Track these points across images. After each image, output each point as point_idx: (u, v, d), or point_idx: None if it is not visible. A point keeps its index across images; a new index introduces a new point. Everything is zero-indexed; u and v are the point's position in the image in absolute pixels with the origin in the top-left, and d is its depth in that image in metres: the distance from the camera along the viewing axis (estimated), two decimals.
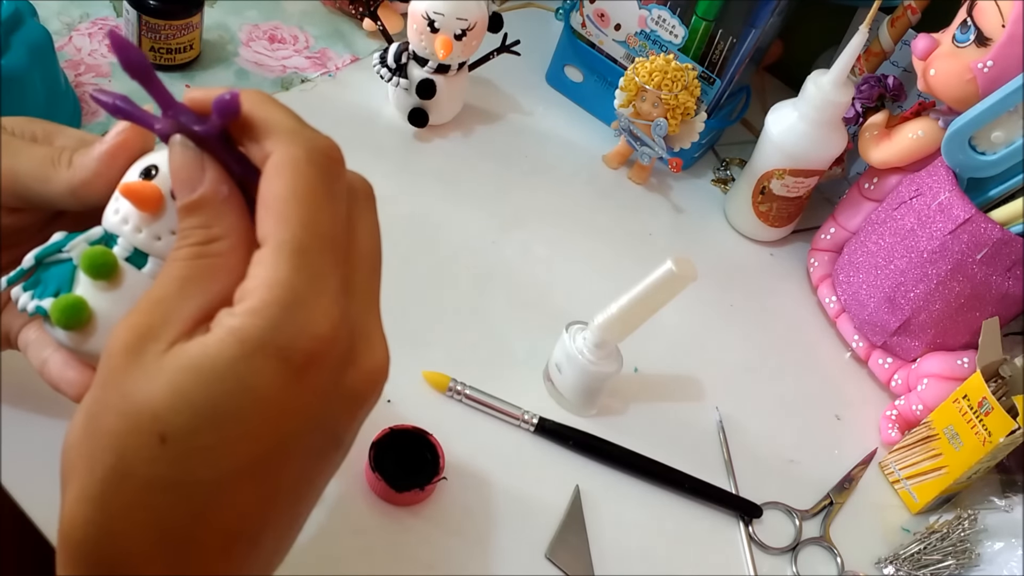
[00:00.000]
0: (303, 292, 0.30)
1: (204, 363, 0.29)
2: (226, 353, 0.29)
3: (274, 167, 0.32)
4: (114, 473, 0.29)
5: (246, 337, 0.29)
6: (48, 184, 0.41)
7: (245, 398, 0.29)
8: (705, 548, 0.60)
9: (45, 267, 0.41)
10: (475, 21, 0.71)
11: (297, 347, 0.30)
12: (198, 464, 0.29)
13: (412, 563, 0.53)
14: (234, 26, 0.80)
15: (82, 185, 0.41)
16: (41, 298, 0.40)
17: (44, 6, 0.71)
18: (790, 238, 0.81)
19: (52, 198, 0.41)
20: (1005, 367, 0.61)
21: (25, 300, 0.41)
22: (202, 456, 0.29)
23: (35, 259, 0.41)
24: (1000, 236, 0.62)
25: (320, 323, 0.30)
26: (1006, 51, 0.61)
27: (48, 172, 0.41)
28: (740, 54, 0.75)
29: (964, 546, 0.60)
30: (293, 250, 0.30)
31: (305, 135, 0.33)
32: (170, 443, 0.29)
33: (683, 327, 0.70)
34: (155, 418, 0.29)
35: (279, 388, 0.30)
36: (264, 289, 0.30)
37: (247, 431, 0.30)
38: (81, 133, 0.43)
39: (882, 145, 0.71)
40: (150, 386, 0.29)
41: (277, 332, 0.29)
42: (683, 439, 0.64)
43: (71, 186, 0.41)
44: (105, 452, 0.30)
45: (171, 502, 0.30)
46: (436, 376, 0.60)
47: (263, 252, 0.31)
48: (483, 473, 0.58)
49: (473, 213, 0.73)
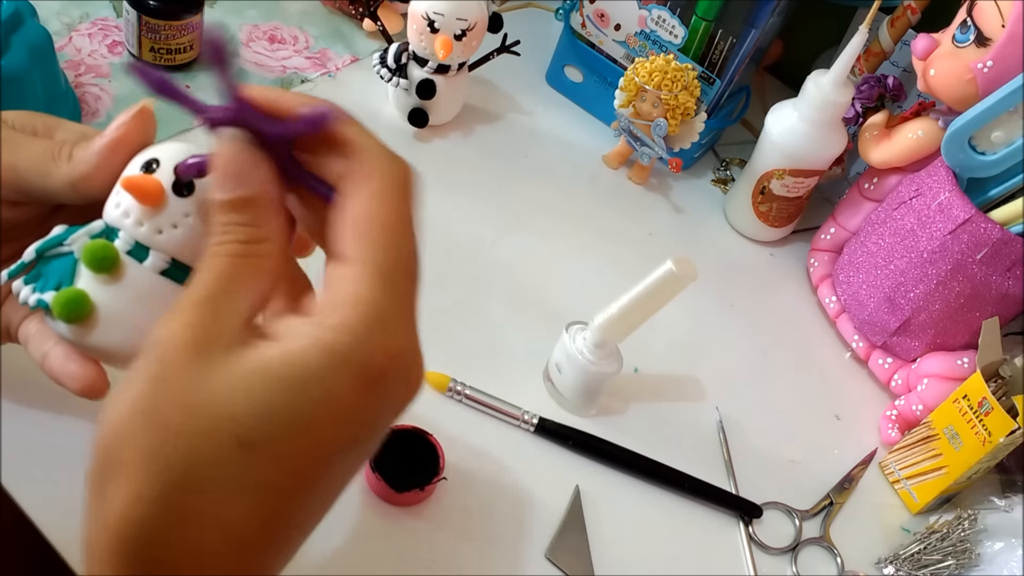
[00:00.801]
0: (389, 313, 0.31)
1: (288, 372, 0.30)
2: (312, 363, 0.30)
3: (366, 188, 0.33)
4: (183, 475, 0.29)
5: (333, 351, 0.30)
6: (48, 178, 0.41)
7: (324, 408, 0.30)
8: (705, 548, 0.60)
9: (46, 260, 0.41)
10: (475, 21, 0.71)
11: (375, 363, 0.31)
12: (273, 470, 0.30)
13: (412, 563, 0.53)
14: (234, 26, 0.80)
15: (82, 179, 0.41)
16: (42, 291, 0.40)
17: (44, 6, 0.71)
18: (790, 238, 0.81)
19: (53, 192, 0.41)
20: (1005, 367, 0.61)
21: (27, 293, 0.41)
22: (279, 462, 0.30)
23: (36, 252, 0.41)
24: (1000, 236, 0.62)
25: (398, 344, 0.32)
26: (1006, 51, 0.61)
27: (48, 166, 0.41)
28: (740, 54, 0.75)
29: (964, 546, 0.60)
30: (383, 272, 0.32)
31: (392, 158, 0.34)
32: (248, 448, 0.29)
33: (683, 327, 0.70)
34: (233, 422, 0.29)
35: (353, 399, 0.31)
36: (353, 307, 0.31)
37: (319, 437, 0.30)
38: (81, 127, 0.44)
39: (882, 145, 0.71)
40: (225, 389, 0.29)
41: (362, 348, 0.30)
42: (683, 439, 0.64)
43: (71, 180, 0.41)
44: (175, 453, 0.29)
45: (242, 506, 0.30)
46: (436, 376, 0.60)
47: (350, 270, 0.32)
48: (483, 473, 0.58)
49: (473, 213, 0.73)
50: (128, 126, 0.41)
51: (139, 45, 0.72)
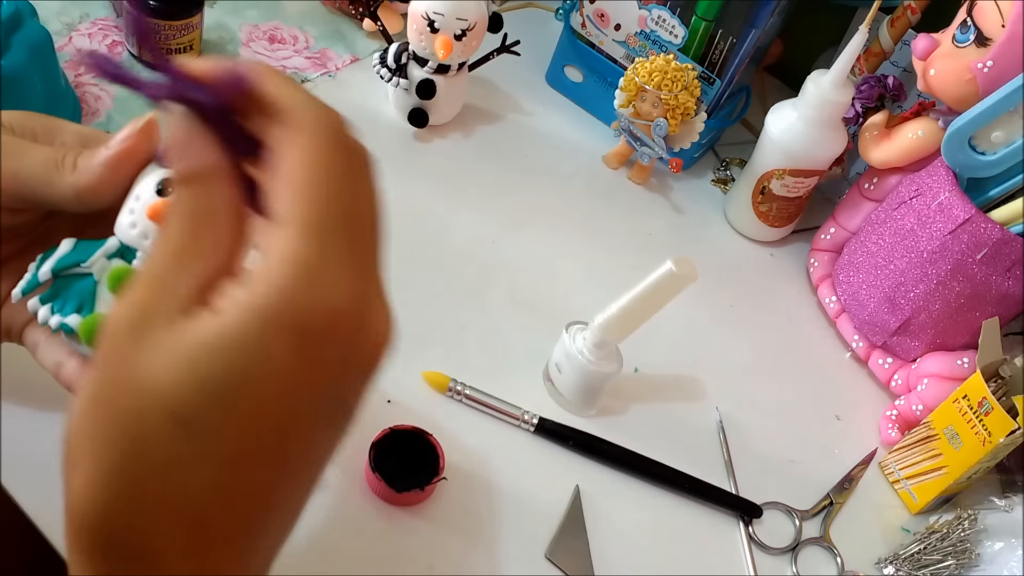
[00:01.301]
0: (322, 267, 0.30)
1: (219, 341, 0.29)
2: (241, 329, 0.29)
3: (290, 142, 0.31)
4: (128, 456, 0.29)
5: (263, 314, 0.29)
6: (52, 187, 0.41)
7: (260, 373, 0.29)
8: (705, 548, 0.60)
9: (64, 280, 0.42)
10: (475, 21, 0.71)
11: (312, 321, 0.29)
12: (213, 442, 0.29)
13: (412, 563, 0.53)
14: (234, 26, 0.80)
15: (87, 190, 0.41)
16: (64, 314, 0.41)
17: (44, 6, 0.71)
18: (790, 238, 0.81)
19: (55, 201, 0.41)
20: (1005, 367, 0.61)
21: (45, 314, 0.42)
22: (217, 433, 0.29)
23: (52, 273, 0.42)
24: (1000, 236, 0.62)
25: (336, 298, 0.30)
26: (1006, 51, 0.61)
27: (52, 175, 0.41)
28: (740, 54, 0.75)
29: (964, 546, 0.60)
30: (312, 226, 0.30)
31: (318, 109, 0.32)
32: (184, 424, 0.29)
33: (683, 327, 0.70)
34: (168, 397, 0.29)
35: (292, 361, 0.29)
36: (281, 264, 0.29)
37: (261, 405, 0.29)
38: (82, 128, 0.43)
39: (882, 145, 0.71)
40: (160, 365, 0.29)
41: (294, 307, 0.29)
42: (683, 439, 0.64)
43: (76, 191, 0.41)
44: (117, 434, 0.29)
45: (188, 481, 0.29)
46: (436, 376, 0.60)
47: (279, 228, 0.30)
48: (483, 473, 0.58)
49: (473, 213, 0.73)
50: (133, 139, 0.41)
51: (139, 45, 0.72)
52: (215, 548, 0.31)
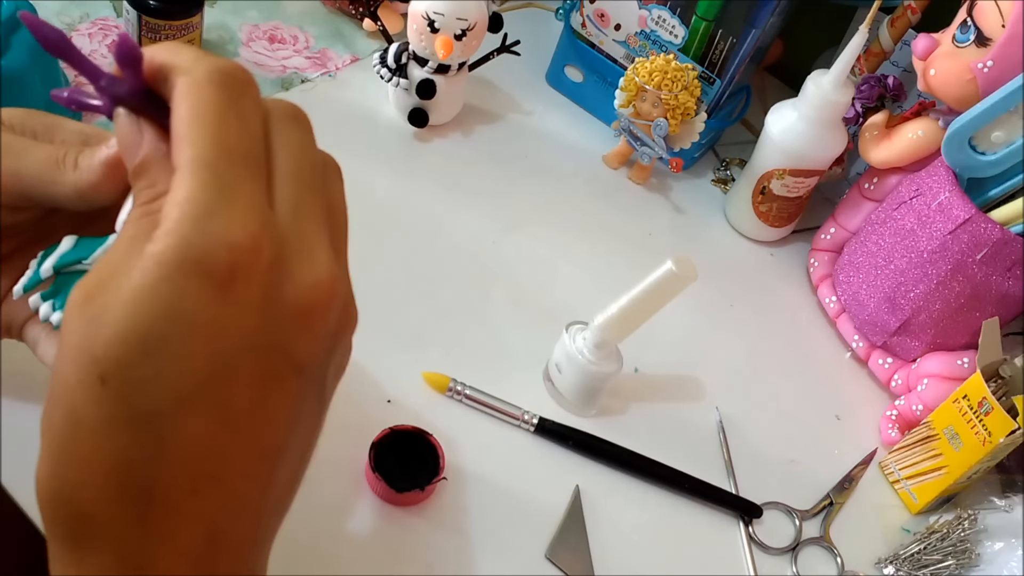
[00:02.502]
0: (212, 205, 0.29)
1: (127, 294, 0.29)
2: (147, 279, 0.29)
3: (175, 95, 0.31)
4: (66, 423, 0.30)
5: (162, 259, 0.29)
6: (53, 186, 0.41)
7: (172, 321, 0.29)
8: (705, 548, 0.60)
9: (65, 278, 0.42)
10: (475, 21, 0.71)
11: (215, 260, 0.29)
12: (139, 397, 0.29)
13: (412, 563, 0.53)
14: (234, 26, 0.80)
15: (89, 189, 0.40)
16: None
17: (44, 6, 0.71)
18: (790, 238, 0.81)
19: (57, 199, 0.41)
20: (1005, 367, 0.61)
21: (47, 311, 0.42)
22: (141, 388, 0.29)
23: (54, 270, 0.41)
24: (1000, 236, 0.62)
25: (236, 233, 0.29)
26: (1006, 51, 0.61)
27: (53, 174, 0.41)
28: (740, 54, 0.75)
29: (964, 546, 0.60)
30: (198, 166, 0.30)
31: (204, 59, 0.32)
32: (109, 381, 0.29)
33: (683, 327, 0.70)
34: (93, 360, 0.29)
35: (206, 305, 0.29)
36: (174, 208, 0.29)
37: (181, 355, 0.29)
38: (82, 126, 0.43)
39: (882, 145, 0.71)
40: (90, 331, 0.29)
41: (192, 247, 0.29)
42: (683, 439, 0.64)
43: (77, 189, 0.41)
44: (58, 406, 0.30)
45: (123, 442, 0.29)
46: (436, 376, 0.60)
47: (175, 174, 0.30)
48: (483, 473, 0.58)
49: (473, 213, 0.73)
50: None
51: (139, 45, 0.72)
52: (163, 515, 0.30)
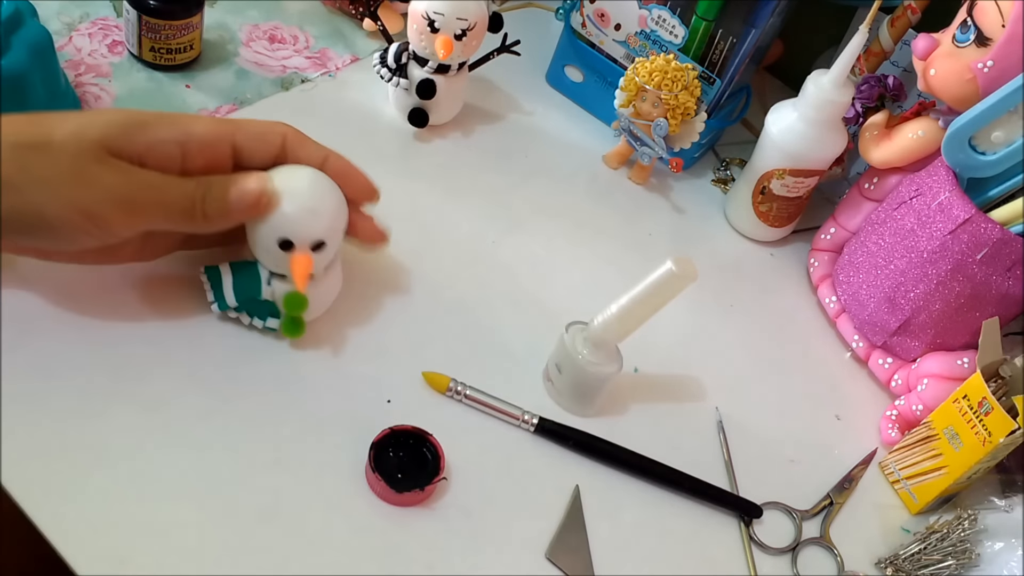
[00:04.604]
0: None
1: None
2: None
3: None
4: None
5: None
6: (187, 224, 0.52)
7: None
8: (705, 548, 0.60)
9: (249, 303, 0.58)
10: (475, 21, 0.71)
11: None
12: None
13: (412, 563, 0.53)
14: (234, 26, 0.80)
15: (217, 227, 0.53)
16: (263, 319, 0.58)
17: (44, 6, 0.71)
18: (790, 238, 0.81)
19: (187, 230, 0.54)
20: (1005, 367, 0.61)
21: (247, 319, 0.59)
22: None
23: (237, 302, 0.57)
24: (1000, 236, 0.62)
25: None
26: (1006, 51, 0.61)
27: (187, 215, 0.52)
28: (740, 54, 0.75)
29: (964, 546, 0.60)
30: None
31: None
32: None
33: (683, 327, 0.70)
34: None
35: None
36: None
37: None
38: (79, 120, 0.50)
39: (882, 145, 0.71)
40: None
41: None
42: (683, 439, 0.64)
43: (208, 228, 0.53)
44: None
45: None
46: (436, 376, 0.60)
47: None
48: (483, 473, 0.58)
49: (473, 213, 0.73)
50: (259, 198, 0.53)
51: (139, 45, 0.72)
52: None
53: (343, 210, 0.57)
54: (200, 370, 0.56)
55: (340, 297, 0.61)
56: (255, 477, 0.53)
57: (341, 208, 0.56)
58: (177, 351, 0.57)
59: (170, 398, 0.55)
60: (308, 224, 0.54)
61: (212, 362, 0.57)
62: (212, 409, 0.55)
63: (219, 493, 0.52)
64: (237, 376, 0.57)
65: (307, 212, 0.54)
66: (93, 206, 0.49)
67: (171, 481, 0.51)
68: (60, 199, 0.48)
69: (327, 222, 0.55)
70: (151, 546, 0.49)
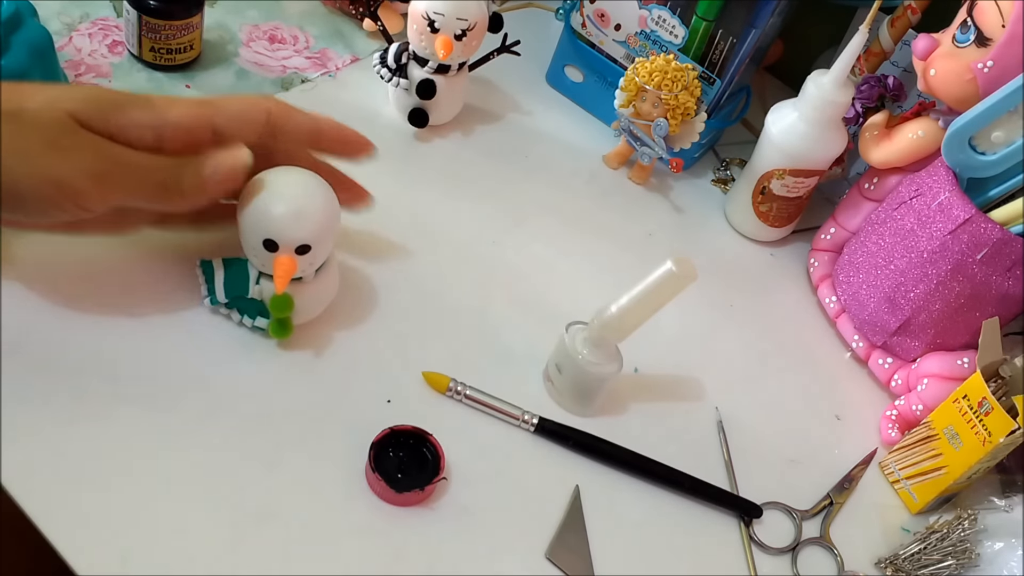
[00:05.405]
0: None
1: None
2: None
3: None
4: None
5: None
6: (162, 204, 0.52)
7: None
8: (705, 548, 0.60)
9: (236, 299, 0.58)
10: (475, 21, 0.71)
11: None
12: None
13: (412, 563, 0.53)
14: (234, 26, 0.80)
15: (192, 206, 0.52)
16: (251, 317, 0.58)
17: (44, 6, 0.71)
18: (790, 238, 0.81)
19: (162, 210, 0.54)
20: (1005, 367, 0.61)
21: (237, 316, 0.59)
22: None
23: (227, 298, 0.58)
24: (1000, 236, 0.62)
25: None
26: (1006, 51, 0.61)
27: (162, 195, 0.51)
28: (740, 54, 0.75)
29: (964, 546, 0.60)
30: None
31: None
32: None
33: (683, 327, 0.70)
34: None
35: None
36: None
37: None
38: (54, 92, 0.49)
39: (882, 145, 0.71)
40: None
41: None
42: (683, 439, 0.64)
43: (183, 207, 0.52)
44: None
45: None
46: (436, 376, 0.60)
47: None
48: (483, 473, 0.58)
49: (473, 213, 0.73)
50: (232, 176, 0.52)
51: (139, 45, 0.72)
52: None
53: (334, 214, 0.56)
54: (201, 370, 0.56)
55: (339, 297, 0.61)
56: (255, 477, 0.53)
57: (331, 212, 0.56)
58: (177, 351, 0.57)
59: (171, 398, 0.55)
60: (292, 226, 0.53)
61: (213, 362, 0.57)
62: (213, 409, 0.55)
63: (219, 493, 0.52)
64: (238, 376, 0.57)
65: (292, 214, 0.53)
66: (67, 178, 0.47)
67: (172, 481, 0.51)
68: (33, 169, 0.46)
69: (313, 226, 0.54)
70: (151, 546, 0.49)
